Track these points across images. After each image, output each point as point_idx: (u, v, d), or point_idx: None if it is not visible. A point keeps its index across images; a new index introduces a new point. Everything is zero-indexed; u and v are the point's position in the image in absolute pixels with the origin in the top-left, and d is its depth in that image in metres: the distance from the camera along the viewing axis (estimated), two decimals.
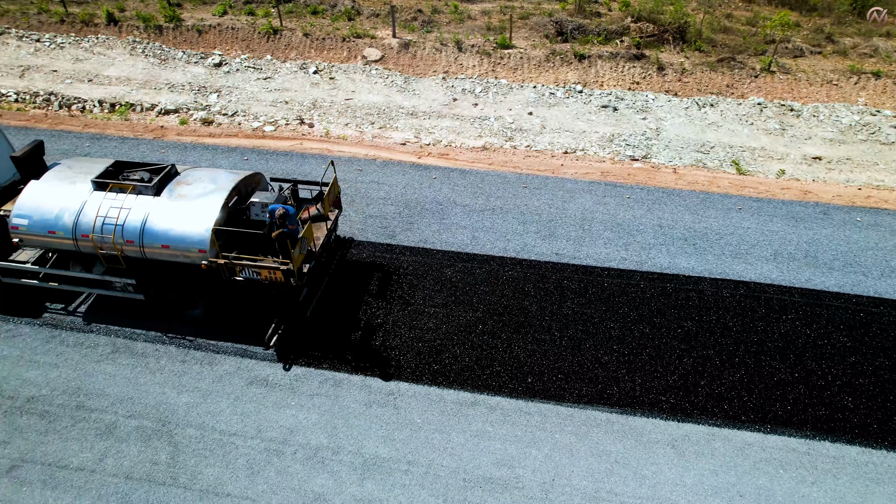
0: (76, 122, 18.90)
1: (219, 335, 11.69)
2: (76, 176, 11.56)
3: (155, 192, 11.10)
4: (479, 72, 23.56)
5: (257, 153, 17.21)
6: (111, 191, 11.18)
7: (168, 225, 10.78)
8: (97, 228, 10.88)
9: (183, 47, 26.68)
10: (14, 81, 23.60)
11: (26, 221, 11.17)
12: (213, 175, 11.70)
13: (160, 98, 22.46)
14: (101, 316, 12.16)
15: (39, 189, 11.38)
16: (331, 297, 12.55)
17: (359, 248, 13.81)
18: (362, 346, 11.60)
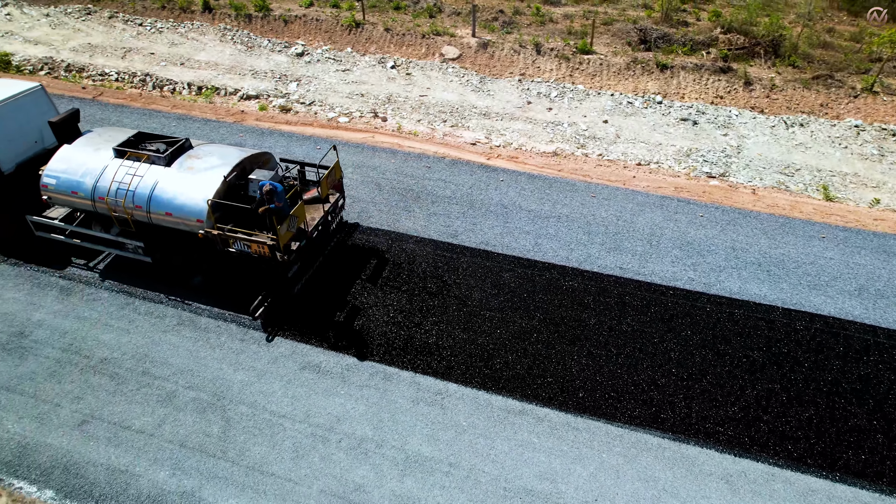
0: (166, 103, 19.86)
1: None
2: (102, 143, 12.36)
3: (166, 163, 11.76)
4: (556, 76, 23.21)
5: (330, 143, 17.57)
6: (128, 159, 11.91)
7: (173, 194, 11.40)
8: (111, 192, 11.67)
9: (269, 36, 27.58)
10: (117, 62, 25.05)
11: (54, 181, 12.13)
12: (222, 151, 12.23)
13: (243, 84, 23.30)
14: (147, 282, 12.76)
15: (69, 153, 12.32)
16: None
17: (420, 244, 13.84)
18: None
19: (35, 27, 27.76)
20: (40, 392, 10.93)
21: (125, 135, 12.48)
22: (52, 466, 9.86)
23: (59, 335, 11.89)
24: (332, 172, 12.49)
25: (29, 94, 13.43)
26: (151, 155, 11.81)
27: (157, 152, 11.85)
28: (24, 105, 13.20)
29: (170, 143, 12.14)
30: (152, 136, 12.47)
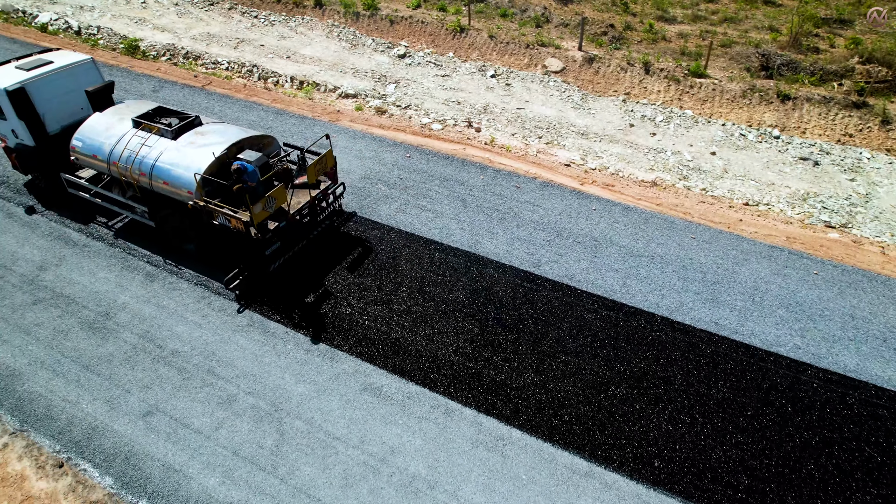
0: (266, 97, 20.09)
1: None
2: (127, 114, 13.29)
3: (173, 137, 12.49)
4: (663, 98, 21.69)
5: (420, 152, 17.08)
6: (143, 130, 12.78)
7: (171, 165, 12.09)
8: (123, 158, 12.58)
9: (374, 35, 27.55)
10: (229, 52, 25.81)
11: (81, 144, 13.24)
12: (225, 130, 12.86)
13: (343, 81, 23.29)
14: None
15: (98, 119, 13.39)
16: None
17: (499, 271, 13.05)
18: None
19: (164, 15, 29.14)
20: (115, 375, 11.06)
21: (147, 107, 13.39)
22: (115, 454, 9.88)
23: (139, 321, 12.03)
24: (324, 159, 12.66)
25: (80, 64, 14.36)
26: (161, 128, 12.57)
27: (168, 126, 12.57)
28: (74, 74, 14.19)
29: (181, 119, 12.93)
30: (170, 111, 13.32)
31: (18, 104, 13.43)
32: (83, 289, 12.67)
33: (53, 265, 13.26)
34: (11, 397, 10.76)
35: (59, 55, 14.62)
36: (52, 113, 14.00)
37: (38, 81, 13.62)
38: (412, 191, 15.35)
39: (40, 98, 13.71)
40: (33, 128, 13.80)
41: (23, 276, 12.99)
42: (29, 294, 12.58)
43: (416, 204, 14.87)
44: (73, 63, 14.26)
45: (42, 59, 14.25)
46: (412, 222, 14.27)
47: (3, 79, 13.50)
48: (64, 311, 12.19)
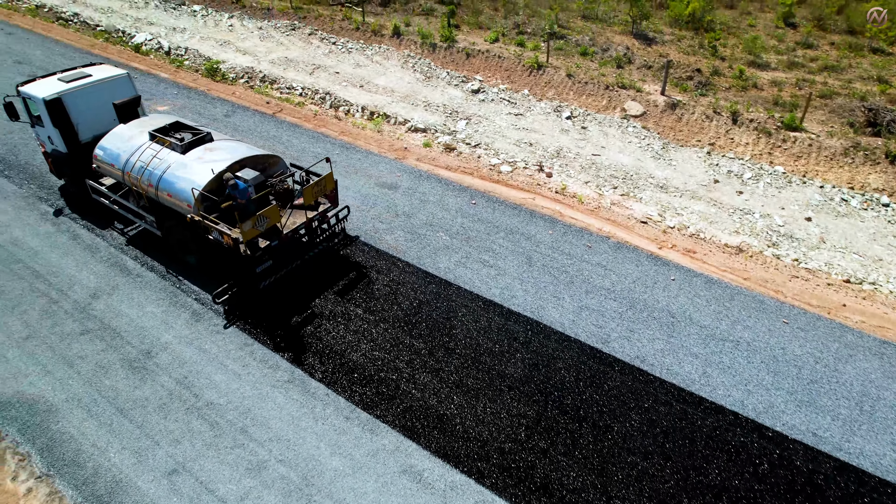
0: (335, 128, 19.57)
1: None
2: (146, 127, 13.59)
3: (182, 151, 12.66)
4: (752, 152, 19.85)
5: (486, 199, 15.98)
6: (157, 143, 13.04)
7: (176, 178, 12.20)
8: (135, 169, 12.88)
9: (449, 67, 26.88)
10: (304, 77, 25.70)
11: (102, 153, 13.62)
12: (233, 148, 12.89)
13: (414, 115, 22.61)
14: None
15: (120, 131, 13.79)
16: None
17: (563, 344, 11.69)
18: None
19: (248, 38, 29.55)
20: (147, 423, 10.39)
21: (165, 121, 13.67)
22: None
23: (179, 364, 11.38)
24: (323, 182, 12.59)
25: (116, 79, 14.87)
26: (172, 142, 12.81)
27: (179, 140, 12.80)
28: (110, 87, 14.70)
29: (194, 135, 13.08)
30: (186, 127, 13.54)
31: (54, 113, 14.04)
32: (130, 322, 12.19)
33: (106, 293, 12.89)
34: (44, 436, 10.24)
35: (99, 69, 15.18)
36: (85, 123, 14.51)
37: (74, 93, 14.22)
38: (475, 242, 14.25)
39: (75, 108, 14.27)
40: (67, 136, 14.38)
41: (76, 303, 12.66)
42: (79, 323, 12.20)
43: (478, 258, 13.75)
44: (109, 77, 14.78)
45: (82, 72, 14.88)
46: (472, 278, 13.14)
47: (44, 89, 14.17)
48: (108, 346, 11.71)
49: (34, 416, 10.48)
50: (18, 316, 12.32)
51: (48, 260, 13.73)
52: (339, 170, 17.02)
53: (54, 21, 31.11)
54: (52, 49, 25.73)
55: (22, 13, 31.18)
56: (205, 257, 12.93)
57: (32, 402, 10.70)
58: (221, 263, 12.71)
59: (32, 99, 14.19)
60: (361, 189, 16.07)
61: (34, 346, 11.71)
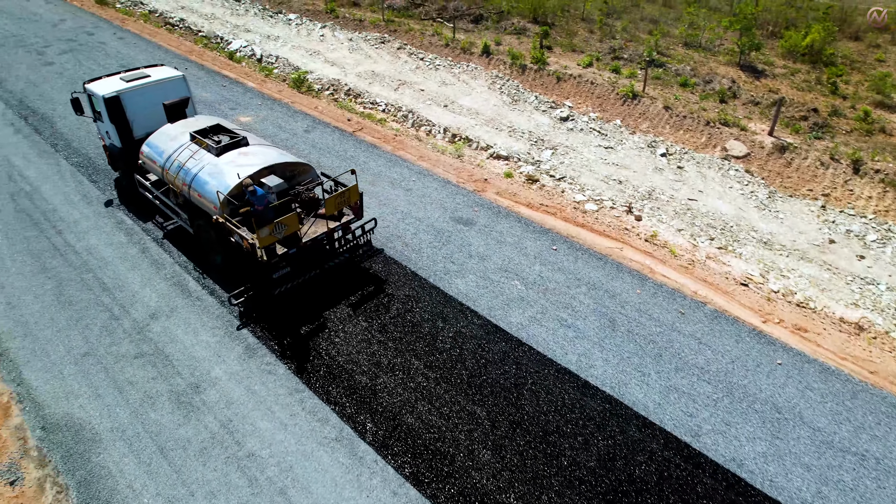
0: (413, 152, 18.62)
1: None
2: (190, 128, 13.82)
3: (216, 154, 12.77)
4: (876, 208, 17.33)
5: (569, 245, 14.49)
6: (195, 143, 13.25)
7: (207, 180, 12.29)
8: (173, 167, 13.18)
9: (538, 90, 25.52)
10: (389, 93, 25.05)
11: (147, 150, 14.10)
12: (265, 153, 12.89)
13: (497, 140, 21.40)
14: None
15: (166, 130, 14.20)
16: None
17: (645, 431, 10.06)
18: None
19: (337, 49, 29.33)
20: (185, 468, 9.64)
21: (207, 123, 13.92)
22: None
23: (226, 404, 10.62)
24: (346, 193, 12.33)
25: (172, 80, 15.41)
26: (208, 144, 12.95)
27: (216, 143, 12.95)
28: (165, 88, 15.23)
29: (231, 138, 13.20)
30: (224, 130, 13.71)
31: (112, 110, 14.68)
32: (183, 350, 11.59)
33: (165, 315, 12.40)
34: (84, 468, 9.70)
35: (158, 70, 15.76)
36: (139, 120, 15.01)
37: (132, 92, 14.80)
38: (553, 296, 12.81)
39: (131, 106, 14.83)
40: (122, 132, 14.98)
41: (135, 323, 12.22)
42: (135, 344, 11.73)
43: (555, 315, 12.30)
44: (166, 78, 15.37)
45: (143, 73, 15.53)
46: (546, 339, 11.71)
47: (105, 87, 14.84)
48: (159, 373, 11.13)
49: (79, 444, 9.98)
50: (81, 330, 12.00)
51: (116, 272, 13.45)
52: (414, 199, 16.03)
53: (162, 26, 32.14)
54: (154, 54, 26.35)
55: (135, 18, 32.40)
56: (228, 258, 12.96)
57: (79, 428, 10.22)
58: (242, 266, 12.71)
59: (94, 96, 14.86)
60: (435, 223, 14.98)
61: (90, 364, 11.30)
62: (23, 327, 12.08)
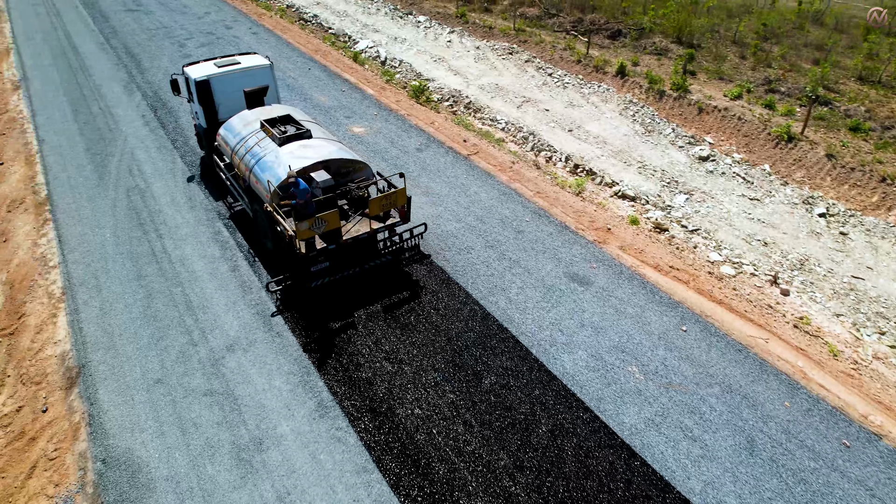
0: (530, 186, 16.59)
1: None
2: (263, 116, 13.93)
3: (279, 144, 12.85)
4: None
5: (701, 326, 11.92)
6: (263, 131, 13.44)
7: (265, 168, 12.42)
8: (240, 152, 13.42)
9: (675, 121, 22.59)
10: (511, 110, 23.17)
11: (223, 133, 14.43)
12: (324, 147, 12.80)
13: (625, 176, 18.91)
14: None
15: (243, 116, 14.48)
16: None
17: None
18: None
19: (462, 57, 27.84)
20: None
21: (278, 113, 14.02)
22: None
23: (287, 472, 9.30)
24: (393, 196, 11.97)
25: (259, 68, 15.89)
26: (273, 133, 13.03)
27: (281, 133, 13.03)
28: (252, 75, 15.69)
29: (297, 129, 13.23)
30: (292, 121, 13.70)
31: (202, 93, 15.34)
32: (253, 395, 10.48)
33: (242, 348, 11.40)
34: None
35: (248, 58, 16.28)
36: (225, 104, 15.57)
37: (221, 76, 15.41)
38: (677, 394, 10.41)
39: (219, 90, 15.45)
40: (208, 114, 15.65)
41: (211, 353, 11.32)
42: (206, 379, 10.80)
43: (679, 421, 9.92)
44: (254, 66, 15.87)
45: (234, 59, 16.06)
46: (665, 454, 9.38)
47: (198, 71, 15.55)
48: (224, 419, 10.08)
49: (133, 489, 9.11)
50: (159, 352, 11.28)
51: (204, 290, 12.70)
52: (525, 245, 14.08)
53: (295, 21, 32.24)
54: (281, 51, 26.18)
55: (273, 12, 32.76)
56: (276, 246, 12.90)
57: (137, 469, 9.36)
58: (285, 255, 12.59)
59: (188, 78, 15.61)
60: (546, 277, 12.96)
61: (160, 394, 10.49)
62: (108, 338, 11.56)
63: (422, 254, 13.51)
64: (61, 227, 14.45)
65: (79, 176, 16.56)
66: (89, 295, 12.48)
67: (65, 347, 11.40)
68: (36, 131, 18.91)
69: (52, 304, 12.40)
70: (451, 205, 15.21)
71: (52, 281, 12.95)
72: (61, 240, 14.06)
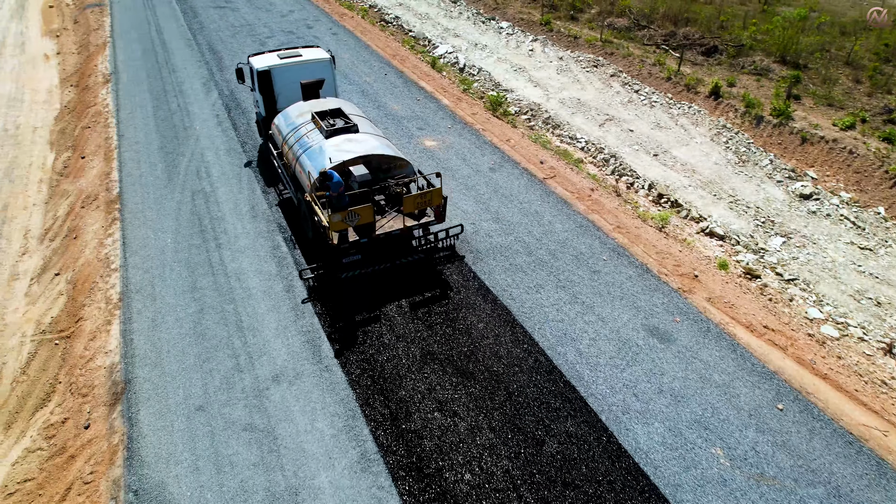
0: (610, 219, 15.07)
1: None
2: (315, 108, 14.11)
3: (326, 136, 12.99)
4: None
5: (801, 406, 10.13)
6: (312, 123, 13.67)
7: (309, 158, 12.62)
8: (290, 142, 13.70)
9: (773, 151, 20.39)
10: (592, 128, 21.61)
11: (277, 122, 14.87)
12: (367, 142, 12.81)
13: (714, 211, 17.05)
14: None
15: (297, 107, 14.76)
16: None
17: None
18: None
19: (544, 67, 26.42)
20: None
21: (329, 106, 14.23)
22: None
23: None
24: (428, 195, 11.95)
25: (319, 61, 16.27)
26: (322, 125, 13.23)
27: (329, 125, 13.21)
28: (311, 67, 16.10)
29: (345, 123, 13.40)
30: (342, 114, 13.82)
31: (263, 82, 15.86)
32: (294, 436, 9.68)
33: (287, 380, 10.65)
34: None
35: (309, 51, 16.77)
36: (284, 94, 16.00)
37: (281, 67, 15.86)
38: (770, 491, 8.78)
39: (279, 81, 15.90)
40: (268, 103, 16.11)
41: (255, 381, 10.64)
42: (248, 411, 10.10)
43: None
44: (314, 59, 16.26)
45: (296, 52, 16.58)
46: None
47: (261, 61, 16.07)
48: (262, 460, 9.33)
49: None
50: (203, 375, 10.71)
51: (256, 310, 12.07)
52: (600, 288, 12.67)
53: (376, 23, 31.70)
54: (359, 54, 25.60)
55: (355, 13, 32.37)
56: (315, 235, 12.96)
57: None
58: (321, 244, 12.69)
59: (252, 68, 16.11)
60: (622, 329, 11.52)
61: (200, 423, 9.88)
62: (156, 354, 11.10)
63: (456, 255, 13.31)
64: (127, 228, 14.26)
65: (150, 175, 16.43)
66: (143, 304, 12.10)
67: (114, 359, 11.02)
68: (117, 126, 19.07)
69: (108, 309, 12.11)
70: (522, 234, 13.98)
71: (112, 285, 12.69)
72: (125, 241, 13.85)
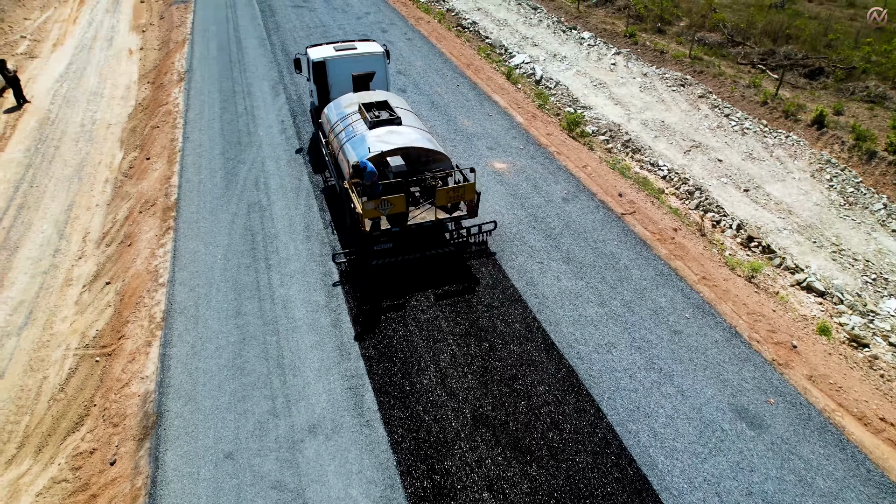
0: (694, 267, 13.24)
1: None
2: (363, 100, 14.24)
3: (369, 127, 13.23)
4: None
5: None
6: (358, 113, 13.87)
7: (352, 147, 12.89)
8: (336, 130, 13.94)
9: (888, 192, 17.86)
10: (675, 155, 19.63)
11: (326, 111, 15.07)
12: (408, 135, 13.04)
13: (813, 262, 14.88)
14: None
15: (346, 97, 14.92)
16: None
17: None
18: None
19: (626, 84, 24.47)
20: None
21: (377, 98, 14.37)
22: None
23: None
24: (461, 189, 12.03)
25: (372, 55, 16.63)
26: (367, 116, 13.39)
27: (373, 117, 13.33)
28: (365, 60, 16.45)
29: (389, 115, 13.52)
30: (388, 107, 13.97)
31: (318, 73, 16.26)
32: (324, 500, 8.61)
33: (325, 434, 9.59)
34: None
35: (364, 45, 17.04)
36: (337, 85, 16.26)
37: (336, 59, 16.25)
38: None
39: (333, 72, 16.23)
40: (321, 93, 16.53)
41: (290, 431, 9.64)
42: (278, 466, 9.11)
43: None
44: (368, 52, 16.62)
45: (351, 45, 16.88)
46: None
47: (317, 53, 16.48)
48: None
49: None
50: (237, 417, 9.83)
51: (299, 346, 11.11)
52: (681, 352, 10.94)
53: (453, 27, 30.51)
54: (432, 62, 24.45)
55: (431, 16, 31.30)
56: (351, 222, 12.97)
57: None
58: (355, 231, 12.62)
59: (308, 59, 16.45)
60: (704, 406, 9.79)
61: (227, 473, 8.98)
62: (191, 386, 10.33)
63: (488, 251, 13.22)
64: (179, 240, 13.68)
65: (209, 182, 15.87)
66: (185, 326, 11.39)
67: (149, 387, 10.32)
68: (184, 127, 18.72)
69: (150, 329, 11.48)
70: (594, 279, 12.42)
71: (157, 301, 12.07)
72: (176, 254, 13.25)
